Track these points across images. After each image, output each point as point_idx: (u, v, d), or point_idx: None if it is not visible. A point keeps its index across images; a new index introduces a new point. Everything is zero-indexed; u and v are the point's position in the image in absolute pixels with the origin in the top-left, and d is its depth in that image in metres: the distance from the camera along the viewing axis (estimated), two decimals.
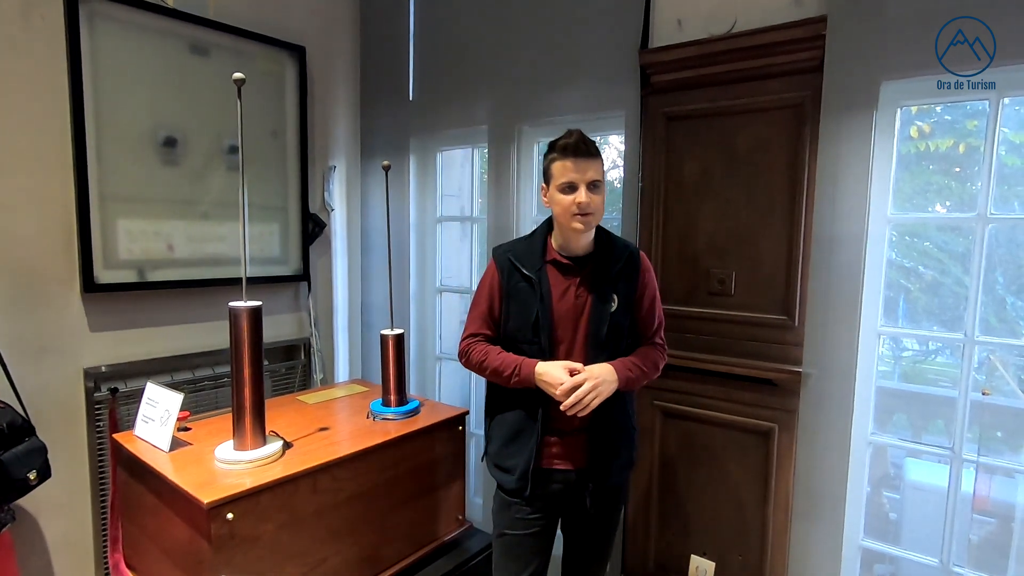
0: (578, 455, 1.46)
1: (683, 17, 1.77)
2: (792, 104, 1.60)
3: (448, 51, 2.38)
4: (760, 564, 1.71)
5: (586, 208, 1.37)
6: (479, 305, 1.51)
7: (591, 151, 1.38)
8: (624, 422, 1.50)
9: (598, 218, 1.41)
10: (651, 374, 1.48)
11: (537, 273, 1.44)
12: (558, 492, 1.47)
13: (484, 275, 1.54)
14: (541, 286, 1.43)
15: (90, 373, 1.95)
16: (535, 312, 1.42)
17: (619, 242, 1.50)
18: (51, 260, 1.87)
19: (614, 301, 1.42)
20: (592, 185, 1.38)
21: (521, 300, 1.45)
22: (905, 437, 1.73)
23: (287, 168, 2.44)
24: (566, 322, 1.43)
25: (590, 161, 1.37)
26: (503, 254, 1.50)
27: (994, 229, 1.48)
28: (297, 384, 2.57)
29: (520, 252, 1.49)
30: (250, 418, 1.45)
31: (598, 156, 1.40)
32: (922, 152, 1.82)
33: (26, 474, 1.56)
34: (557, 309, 1.43)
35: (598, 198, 1.39)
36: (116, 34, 1.93)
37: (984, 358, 1.54)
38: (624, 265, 1.45)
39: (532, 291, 1.43)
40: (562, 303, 1.44)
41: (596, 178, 1.38)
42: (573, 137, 1.38)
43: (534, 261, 1.46)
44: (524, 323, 1.44)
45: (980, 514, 1.64)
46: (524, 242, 1.53)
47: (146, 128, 2.01)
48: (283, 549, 1.40)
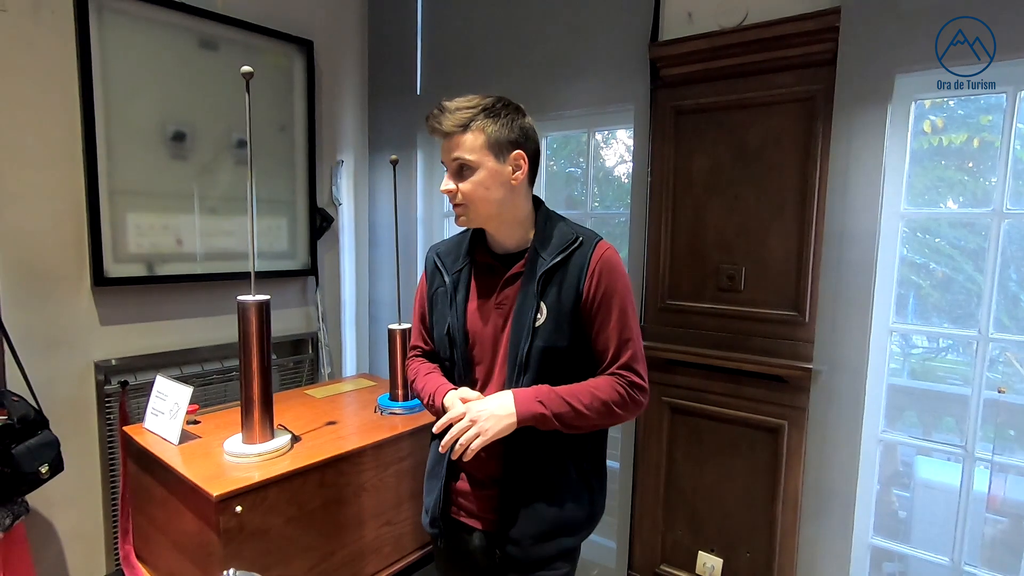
0: (487, 512, 1.16)
1: (693, 9, 1.76)
2: (804, 98, 1.58)
3: (455, 45, 2.37)
4: (768, 561, 1.70)
5: (452, 199, 1.11)
6: (414, 313, 1.32)
7: (456, 122, 1.06)
8: (559, 476, 1.13)
9: (479, 210, 1.11)
10: (601, 417, 1.08)
11: (456, 275, 1.19)
12: (474, 550, 1.19)
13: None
14: (457, 291, 1.17)
15: (100, 366, 1.96)
16: (448, 321, 1.17)
17: (561, 233, 1.13)
18: (61, 254, 1.88)
19: (541, 312, 1.08)
20: (459, 168, 1.08)
21: (439, 308, 1.20)
22: (916, 435, 1.71)
23: (295, 163, 2.44)
24: (485, 337, 1.15)
25: (453, 137, 1.07)
26: (431, 251, 1.27)
27: (1009, 225, 1.46)
28: (305, 378, 2.58)
29: (445, 249, 1.25)
30: (258, 412, 1.45)
31: (467, 127, 1.06)
32: (935, 147, 1.80)
33: (37, 468, 1.57)
34: (473, 321, 1.16)
35: (466, 185, 1.08)
36: (125, 28, 1.94)
37: (998, 355, 1.53)
38: (560, 262, 1.10)
39: (447, 297, 1.19)
40: (482, 313, 1.15)
41: (461, 157, 1.07)
42: (434, 109, 1.08)
43: (456, 260, 1.21)
44: (440, 336, 1.19)
45: (992, 513, 1.62)
46: (458, 237, 1.26)
47: (155, 122, 2.02)
48: (291, 542, 1.41)
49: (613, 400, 1.08)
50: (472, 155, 1.07)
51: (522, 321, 1.09)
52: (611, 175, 2.36)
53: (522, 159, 1.11)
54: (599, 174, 2.32)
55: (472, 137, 1.06)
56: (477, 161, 1.07)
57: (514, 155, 1.10)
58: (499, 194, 1.10)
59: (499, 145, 1.08)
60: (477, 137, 1.06)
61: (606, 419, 1.09)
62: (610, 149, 2.33)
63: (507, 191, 1.11)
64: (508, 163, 1.10)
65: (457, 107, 1.07)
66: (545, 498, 1.12)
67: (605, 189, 2.34)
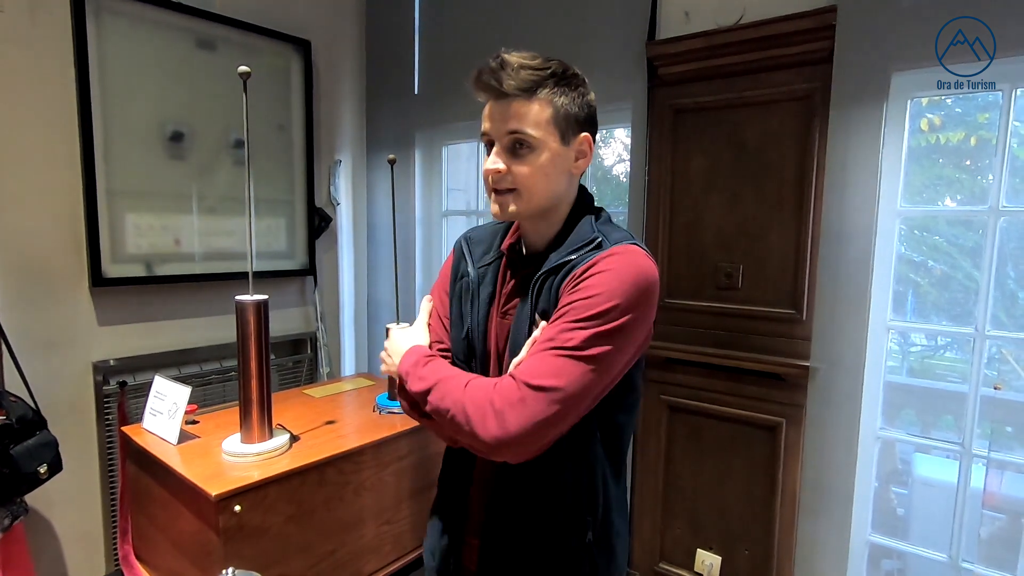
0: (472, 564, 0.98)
1: (691, 8, 1.76)
2: (801, 96, 1.59)
3: (453, 44, 2.37)
4: (767, 559, 1.71)
5: (500, 182, 0.88)
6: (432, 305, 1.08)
7: (521, 83, 0.83)
8: (550, 538, 0.90)
9: (534, 200, 0.88)
10: (445, 426, 0.85)
11: (483, 269, 0.99)
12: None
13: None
14: (482, 288, 0.97)
15: (99, 367, 1.96)
16: (467, 324, 0.98)
17: (581, 232, 0.91)
18: (60, 254, 1.88)
19: (536, 326, 0.88)
20: (514, 144, 0.86)
21: (458, 303, 1.01)
22: (914, 432, 1.72)
23: (293, 162, 2.44)
24: (501, 348, 0.95)
25: (512, 103, 0.85)
26: (461, 237, 1.08)
27: (1006, 222, 1.47)
28: (304, 378, 2.58)
29: (478, 237, 1.05)
30: (257, 411, 1.45)
31: (534, 92, 0.84)
32: (932, 145, 1.80)
33: (36, 468, 1.57)
34: (494, 326, 0.96)
35: (524, 168, 0.86)
36: (123, 29, 1.93)
37: (995, 353, 1.53)
38: (559, 267, 0.88)
39: (468, 292, 0.99)
40: (505, 314, 0.95)
41: (522, 131, 0.84)
42: (491, 61, 0.86)
43: (486, 250, 1.01)
44: (457, 336, 0.99)
45: (990, 510, 1.63)
46: (494, 226, 1.06)
47: (153, 123, 2.02)
48: (291, 541, 1.41)
49: (467, 404, 0.81)
50: (537, 131, 0.85)
51: (518, 340, 0.90)
52: (609, 174, 2.36)
53: (589, 144, 0.91)
54: (597, 173, 2.33)
55: (539, 108, 0.85)
56: (541, 139, 0.85)
57: (581, 138, 0.90)
58: (560, 184, 0.90)
59: (568, 123, 0.87)
60: (544, 109, 0.85)
61: (451, 428, 0.84)
62: (608, 148, 2.33)
63: (567, 181, 0.92)
64: (573, 147, 0.90)
65: (522, 64, 0.84)
66: (529, 566, 0.91)
67: (603, 188, 2.34)
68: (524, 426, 0.78)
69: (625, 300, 0.82)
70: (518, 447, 0.79)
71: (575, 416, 0.83)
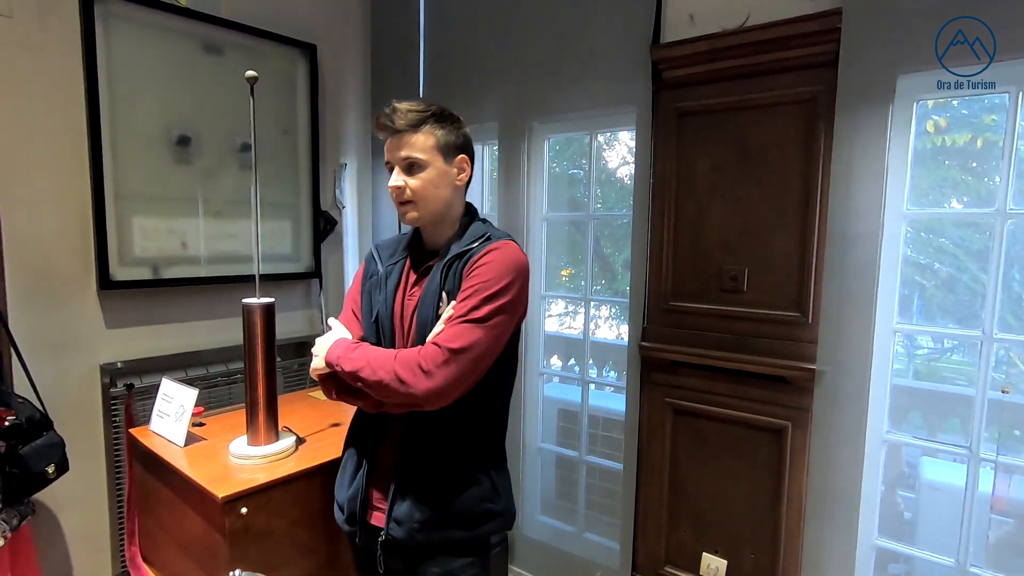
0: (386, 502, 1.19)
1: (695, 11, 1.76)
2: (806, 99, 1.58)
3: (458, 48, 2.38)
4: (773, 563, 1.70)
5: (400, 195, 1.15)
6: (345, 305, 1.33)
7: (408, 122, 1.13)
8: (454, 466, 1.16)
9: (427, 206, 1.16)
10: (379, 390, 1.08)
11: (390, 267, 1.24)
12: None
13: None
14: (388, 280, 1.22)
15: (106, 369, 1.98)
16: (376, 309, 1.22)
17: (475, 230, 1.21)
18: (68, 258, 1.89)
19: (443, 301, 1.14)
20: (408, 166, 1.14)
21: (368, 297, 1.26)
22: (920, 436, 1.71)
23: (299, 166, 2.46)
24: (406, 326, 1.20)
25: (403, 136, 1.13)
26: (372, 246, 1.34)
27: (1013, 224, 1.46)
28: (309, 380, 2.59)
29: (385, 244, 1.32)
30: (263, 414, 1.46)
31: (418, 127, 1.14)
32: (938, 147, 1.80)
33: (44, 468, 1.58)
34: (399, 309, 1.21)
35: (416, 182, 1.14)
36: (131, 34, 1.95)
37: (1002, 356, 1.52)
38: (461, 254, 1.16)
39: (378, 285, 1.24)
40: (406, 302, 1.21)
41: (412, 155, 1.13)
42: (386, 109, 1.15)
43: (393, 255, 1.27)
44: (368, 322, 1.23)
45: (998, 514, 1.62)
46: (399, 236, 1.34)
47: (160, 127, 2.03)
48: (296, 543, 1.41)
49: (399, 370, 1.05)
50: (423, 154, 1.14)
51: (426, 312, 1.14)
52: (613, 177, 2.36)
53: (466, 163, 1.21)
54: (601, 176, 2.33)
55: (423, 137, 1.14)
56: (428, 160, 1.15)
57: (459, 159, 1.20)
58: (446, 193, 1.18)
59: (447, 148, 1.17)
60: (428, 138, 1.15)
61: (383, 393, 1.08)
62: (612, 151, 2.34)
63: (452, 191, 1.20)
64: (454, 165, 1.19)
65: (409, 109, 1.14)
66: (437, 486, 1.15)
67: (607, 191, 2.34)
68: (448, 379, 1.04)
69: (511, 280, 1.10)
70: (444, 396, 1.05)
71: (483, 370, 1.10)
